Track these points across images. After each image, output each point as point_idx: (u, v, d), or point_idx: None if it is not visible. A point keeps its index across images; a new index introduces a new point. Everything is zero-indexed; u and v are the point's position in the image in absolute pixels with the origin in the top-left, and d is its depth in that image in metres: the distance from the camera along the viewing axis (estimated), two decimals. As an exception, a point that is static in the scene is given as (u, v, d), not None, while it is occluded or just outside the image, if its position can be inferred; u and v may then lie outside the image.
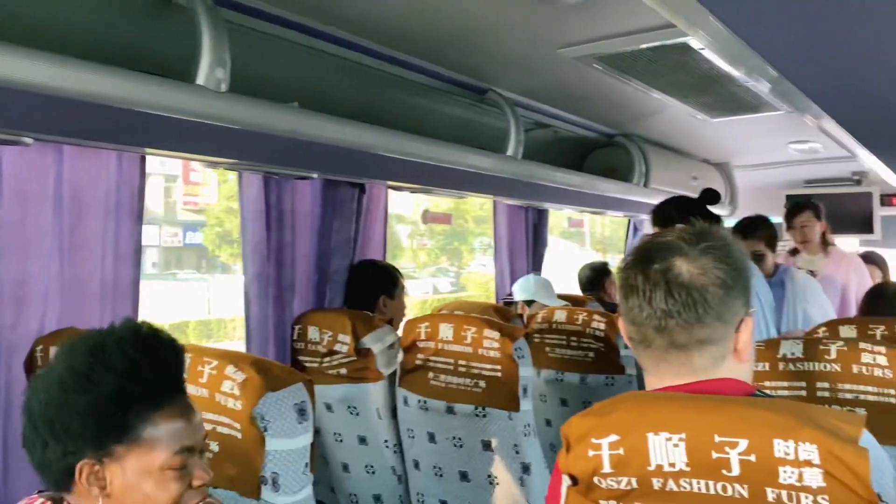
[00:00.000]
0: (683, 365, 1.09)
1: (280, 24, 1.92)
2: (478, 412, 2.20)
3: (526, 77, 2.59)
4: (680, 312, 1.06)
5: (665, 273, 1.07)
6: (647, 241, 1.16)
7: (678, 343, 1.07)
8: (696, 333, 1.06)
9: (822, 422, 0.95)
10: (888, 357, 1.69)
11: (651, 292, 1.07)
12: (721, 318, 1.07)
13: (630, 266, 1.12)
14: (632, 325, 1.12)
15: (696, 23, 1.15)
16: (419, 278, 19.28)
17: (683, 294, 1.06)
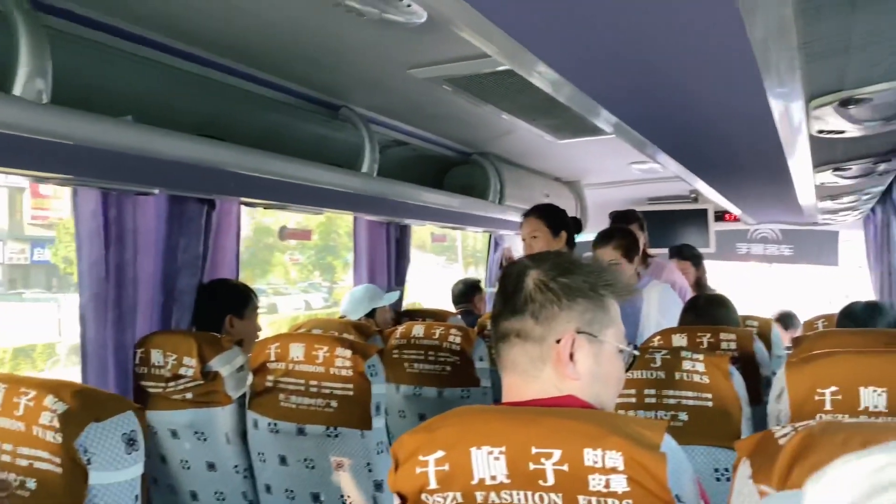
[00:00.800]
0: (506, 358, 1.19)
1: (113, 34, 1.83)
2: (329, 433, 2.17)
3: (379, 95, 2.61)
4: (513, 310, 1.17)
5: (518, 282, 1.18)
6: (518, 260, 1.28)
7: (500, 332, 1.19)
8: (516, 326, 1.17)
9: (628, 430, 1.02)
10: (705, 364, 1.83)
11: (507, 300, 1.19)
12: (536, 318, 1.17)
13: (501, 278, 1.25)
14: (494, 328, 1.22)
15: (524, 64, 1.22)
16: (290, 294, 18.84)
17: (520, 298, 1.17)
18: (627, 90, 1.36)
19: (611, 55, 1.19)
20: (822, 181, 2.30)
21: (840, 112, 1.34)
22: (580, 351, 1.17)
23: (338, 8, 1.77)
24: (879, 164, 2.03)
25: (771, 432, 1.09)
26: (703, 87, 1.34)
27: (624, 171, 4.24)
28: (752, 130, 1.64)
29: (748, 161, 2.20)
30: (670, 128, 1.77)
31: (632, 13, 1.01)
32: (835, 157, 1.92)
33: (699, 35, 1.03)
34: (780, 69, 1.08)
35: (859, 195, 2.86)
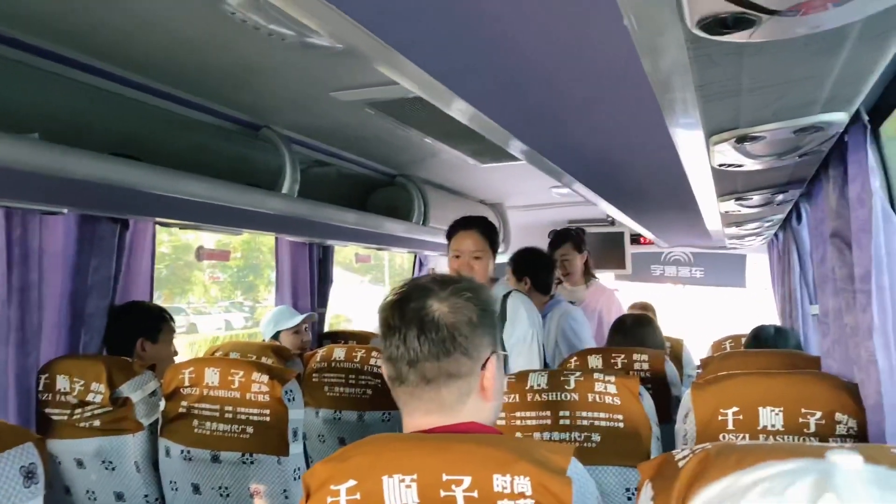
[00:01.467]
0: (433, 400, 1.15)
1: (20, 49, 1.76)
2: (245, 459, 2.13)
3: (301, 116, 2.60)
4: (430, 349, 1.13)
5: (419, 311, 1.14)
6: (406, 284, 1.22)
7: (428, 377, 1.13)
8: (444, 368, 1.13)
9: (536, 455, 1.05)
10: (616, 385, 1.89)
11: (406, 330, 1.13)
12: (468, 354, 1.15)
13: (388, 307, 1.18)
14: (389, 363, 1.17)
15: (437, 96, 1.24)
16: (211, 313, 18.34)
17: (434, 331, 1.13)
18: (538, 122, 1.41)
19: (521, 89, 1.23)
20: (727, 209, 2.42)
21: (737, 148, 1.43)
22: (490, 370, 1.20)
23: (258, 31, 1.76)
24: (777, 194, 2.16)
25: (671, 455, 1.13)
26: (610, 122, 1.40)
27: (545, 194, 4.33)
28: (659, 163, 1.72)
29: (657, 190, 2.29)
30: (581, 158, 1.83)
31: (541, 51, 1.05)
32: (736, 188, 2.03)
33: (603, 74, 1.08)
34: (679, 108, 1.14)
35: (762, 222, 3.03)
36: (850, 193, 1.56)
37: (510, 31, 0.98)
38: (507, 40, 1.02)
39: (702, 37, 0.81)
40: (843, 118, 1.35)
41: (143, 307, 2.62)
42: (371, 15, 0.94)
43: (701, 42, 0.84)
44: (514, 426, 1.94)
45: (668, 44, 0.85)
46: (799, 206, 2.77)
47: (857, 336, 1.65)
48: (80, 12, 1.65)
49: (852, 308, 1.68)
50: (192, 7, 1.63)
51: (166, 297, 16.94)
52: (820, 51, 0.93)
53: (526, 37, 1.00)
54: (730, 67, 0.95)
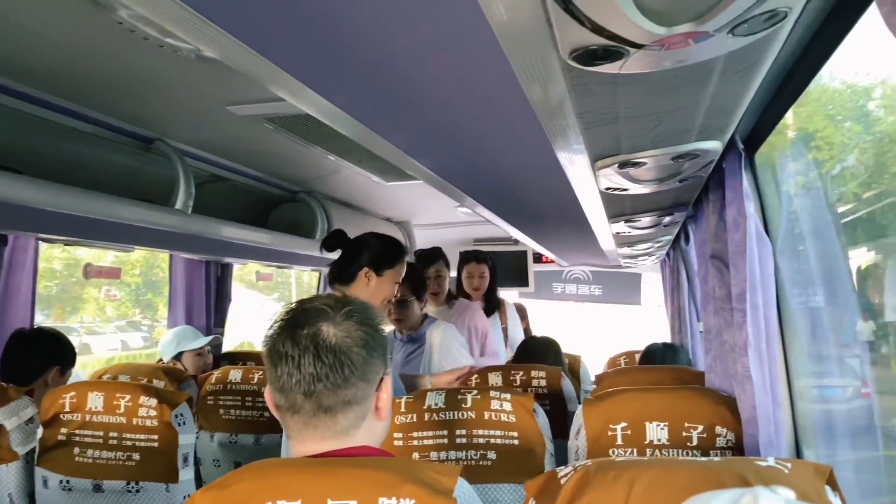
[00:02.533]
0: (329, 427, 1.11)
1: None
2: (130, 488, 2.03)
3: (196, 130, 2.52)
4: (328, 375, 1.09)
5: (314, 338, 1.09)
6: (292, 308, 1.17)
7: (325, 405, 1.10)
8: (343, 395, 1.10)
9: (423, 476, 1.04)
10: (512, 403, 1.92)
11: (300, 358, 1.09)
12: (364, 378, 1.13)
13: (277, 333, 1.12)
14: (280, 393, 1.11)
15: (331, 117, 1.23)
16: (106, 333, 17.44)
17: (331, 357, 1.09)
18: (434, 144, 1.42)
19: (414, 111, 1.23)
20: (618, 230, 2.52)
21: (621, 173, 1.49)
22: (385, 391, 1.18)
23: (148, 41, 1.70)
24: (664, 216, 2.26)
25: (555, 472, 1.16)
26: (501, 145, 1.43)
27: (450, 213, 4.37)
28: (551, 185, 1.77)
29: (553, 211, 2.36)
30: (478, 180, 1.86)
31: (429, 75, 1.06)
32: (625, 211, 2.11)
33: (491, 99, 1.10)
34: (563, 134, 1.18)
35: (652, 243, 3.16)
36: (727, 217, 1.65)
37: (396, 53, 0.99)
38: (394, 62, 1.02)
39: (576, 67, 0.84)
40: (718, 146, 1.43)
41: (58, 335, 2.50)
42: (258, 36, 0.93)
43: (576, 72, 0.87)
44: (411, 446, 1.94)
45: (546, 73, 0.88)
46: (687, 228, 2.92)
47: (734, 352, 1.74)
48: (-49, 15, 1.55)
49: (730, 326, 1.78)
50: (81, 16, 1.56)
51: (56, 315, 15.99)
52: (689, 83, 0.98)
53: (413, 60, 1.01)
54: (606, 97, 0.99)
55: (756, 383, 1.63)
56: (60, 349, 2.49)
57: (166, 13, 0.83)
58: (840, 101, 5.62)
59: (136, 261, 17.17)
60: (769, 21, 0.76)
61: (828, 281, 2.32)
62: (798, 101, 1.51)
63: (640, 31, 0.73)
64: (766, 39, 0.85)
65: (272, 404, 1.16)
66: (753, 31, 0.78)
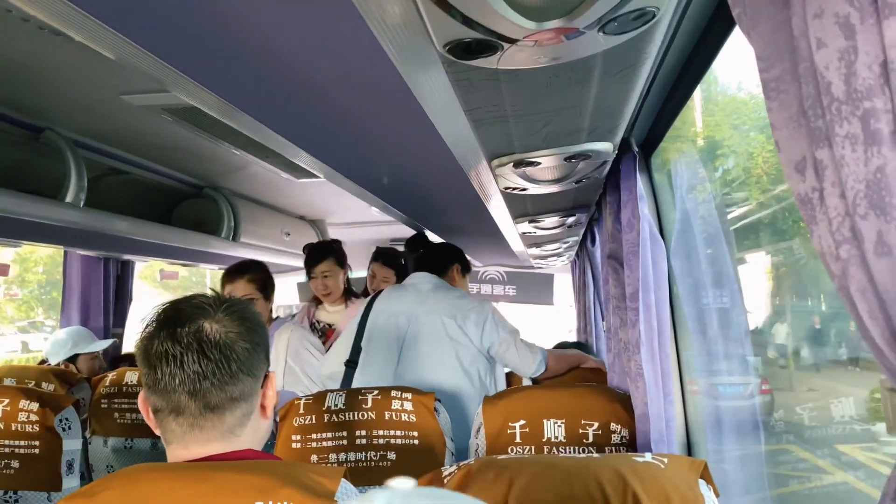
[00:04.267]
0: (215, 427, 1.07)
1: None
2: (8, 497, 1.91)
3: (90, 120, 2.39)
4: (214, 372, 1.04)
5: (196, 334, 1.05)
6: (167, 307, 1.11)
7: (212, 404, 1.05)
8: (230, 391, 1.06)
9: (304, 479, 1.01)
10: (413, 402, 1.90)
11: (183, 356, 1.04)
12: (251, 374, 1.09)
13: (154, 333, 1.06)
14: (160, 395, 1.06)
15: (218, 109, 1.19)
16: (4, 335, 16.50)
17: (216, 353, 1.05)
18: (327, 140, 1.39)
19: (303, 105, 1.20)
20: (524, 231, 2.54)
21: (517, 172, 1.49)
22: (271, 388, 1.15)
23: (28, 23, 1.60)
24: (567, 217, 2.30)
25: (439, 471, 1.15)
26: (400, 147, 1.41)
27: (365, 212, 4.32)
28: (453, 185, 1.76)
29: (460, 212, 2.36)
30: (381, 179, 1.84)
31: (313, 68, 1.03)
32: (528, 211, 2.13)
33: (377, 94, 1.08)
34: (455, 132, 1.17)
35: (560, 244, 3.21)
36: (623, 218, 1.69)
37: (278, 45, 0.95)
38: (277, 54, 0.99)
39: (454, 61, 0.83)
40: (609, 147, 1.45)
41: None
42: (135, 25, 0.88)
43: (456, 66, 0.86)
44: (309, 448, 1.89)
45: (426, 66, 0.87)
46: (592, 229, 2.98)
47: (628, 350, 1.78)
48: None
49: (625, 324, 1.82)
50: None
51: (-50, 316, 15.03)
52: (570, 82, 0.99)
53: (296, 52, 0.98)
54: (491, 93, 0.99)
55: (648, 380, 1.67)
56: None
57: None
58: (745, 111, 5.89)
59: (40, 258, 16.37)
60: (639, 20, 0.77)
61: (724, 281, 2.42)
62: (702, 109, 1.56)
63: (511, 26, 0.73)
64: (642, 40, 0.87)
65: (147, 409, 1.10)
66: (624, 29, 0.79)
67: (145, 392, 1.09)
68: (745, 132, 5.75)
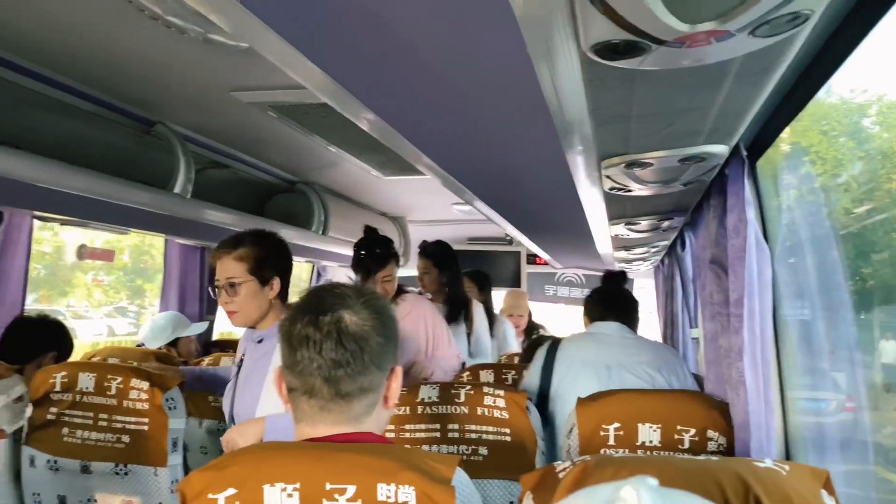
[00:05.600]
0: (343, 412, 1.12)
1: None
2: (118, 470, 2.02)
3: (199, 115, 2.51)
4: (349, 362, 1.09)
5: (337, 324, 1.10)
6: (312, 295, 1.17)
7: (343, 392, 1.10)
8: (360, 382, 1.11)
9: (421, 464, 1.04)
10: (505, 399, 1.92)
11: (322, 343, 1.09)
12: (380, 367, 1.13)
13: (298, 317, 1.12)
14: (296, 376, 1.11)
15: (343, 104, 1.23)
16: (92, 318, 17.34)
17: (353, 344, 1.10)
18: (443, 137, 1.42)
19: (427, 103, 1.23)
20: (616, 233, 2.52)
21: (627, 173, 1.49)
22: (396, 381, 1.19)
23: (157, 22, 1.70)
24: (663, 221, 2.27)
25: (553, 466, 1.16)
26: (509, 141, 1.43)
27: (446, 210, 4.38)
28: (554, 184, 1.77)
29: (552, 210, 2.36)
30: (483, 177, 1.86)
31: (445, 67, 1.07)
32: (626, 213, 2.12)
33: (504, 93, 1.10)
34: (573, 131, 1.18)
35: (649, 247, 3.17)
36: (728, 223, 1.66)
37: (415, 44, 0.99)
38: (412, 53, 1.02)
39: (596, 61, 0.85)
40: (724, 150, 1.43)
41: (60, 324, 2.56)
42: (280, 16, 0.92)
43: (595, 66, 0.87)
44: (403, 438, 1.94)
45: (564, 66, 0.88)
46: (683, 234, 2.92)
47: (729, 357, 1.75)
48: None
49: (726, 331, 1.78)
50: (85, -10, 1.55)
51: (44, 298, 15.91)
52: (704, 83, 0.99)
53: (431, 51, 1.01)
54: (621, 93, 1.00)
55: (750, 388, 1.64)
56: (60, 337, 2.50)
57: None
58: (835, 116, 5.65)
59: (125, 247, 17.14)
60: (791, 23, 0.77)
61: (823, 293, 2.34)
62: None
63: (664, 27, 0.73)
64: (784, 42, 0.86)
65: (281, 385, 1.15)
66: (774, 32, 0.79)
67: (282, 370, 1.14)
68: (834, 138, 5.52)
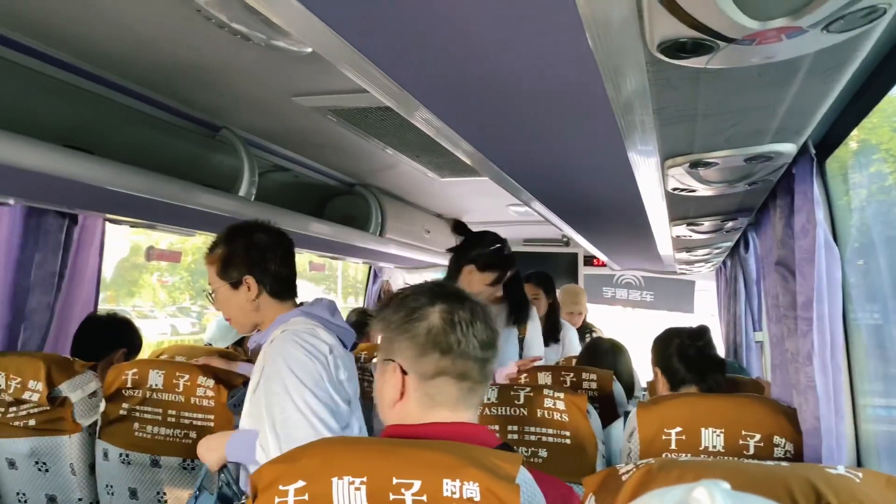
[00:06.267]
0: (477, 396, 1.16)
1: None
2: (186, 465, 2.08)
3: (262, 120, 2.57)
4: (492, 344, 1.14)
5: (478, 307, 1.14)
6: (435, 284, 1.20)
7: (486, 375, 1.15)
8: (494, 362, 1.17)
9: (485, 461, 1.05)
10: (565, 402, 1.91)
11: (474, 324, 1.13)
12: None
13: (446, 304, 1.14)
14: (452, 360, 1.12)
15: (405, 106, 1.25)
16: (157, 318, 17.94)
17: (492, 324, 1.15)
18: (502, 138, 1.43)
19: (487, 104, 1.24)
20: (678, 234, 2.48)
21: (691, 173, 1.47)
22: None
23: (222, 30, 1.75)
24: (727, 222, 2.22)
25: (615, 469, 1.16)
26: (570, 141, 1.42)
27: (502, 212, 4.37)
28: (615, 184, 1.75)
29: (612, 211, 2.34)
30: (542, 177, 1.86)
31: (507, 67, 1.07)
32: (688, 214, 2.08)
33: (566, 92, 1.10)
34: (637, 130, 1.17)
35: (711, 249, 3.11)
36: (795, 224, 1.62)
37: (478, 45, 0.99)
38: (473, 53, 1.03)
39: (662, 60, 0.84)
40: (792, 149, 1.40)
41: (129, 322, 2.66)
42: (345, 21, 0.95)
43: (660, 65, 0.86)
44: (461, 439, 1.95)
45: (629, 65, 0.88)
46: (747, 235, 2.86)
47: (796, 362, 1.70)
48: (41, 1, 1.61)
49: (794, 334, 1.74)
50: (161, 3, 1.61)
51: (111, 298, 16.50)
52: (772, 81, 0.97)
53: (492, 51, 1.02)
54: (687, 92, 0.99)
55: (820, 394, 1.59)
56: (130, 335, 2.60)
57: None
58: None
59: (189, 249, 17.63)
60: (867, 17, 0.75)
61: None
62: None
63: (734, 25, 0.72)
64: (859, 38, 0.84)
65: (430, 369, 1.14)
66: (849, 27, 0.77)
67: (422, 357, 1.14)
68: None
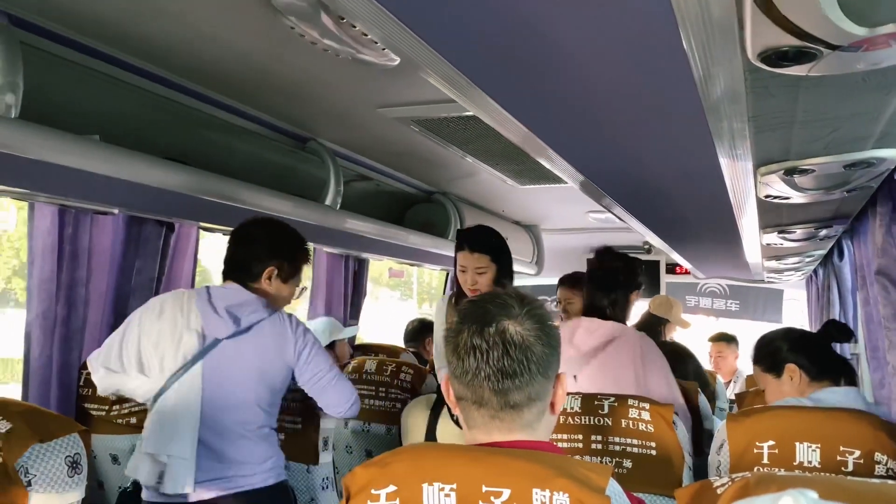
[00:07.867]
0: (514, 421, 1.13)
1: (87, 54, 1.83)
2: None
3: (347, 131, 2.65)
4: (516, 372, 1.10)
5: (502, 334, 1.11)
6: (474, 302, 1.19)
7: (512, 402, 1.11)
8: (528, 391, 1.11)
9: (575, 472, 1.05)
10: (651, 413, 1.88)
11: (489, 352, 1.10)
12: (546, 375, 1.13)
13: (464, 327, 1.14)
14: (466, 386, 1.13)
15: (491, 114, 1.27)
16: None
17: (519, 354, 1.10)
18: (590, 146, 1.43)
19: (575, 111, 1.25)
20: (769, 242, 2.40)
21: (785, 180, 1.43)
22: (561, 388, 1.19)
23: (314, 46, 1.81)
24: (821, 229, 2.14)
25: (709, 482, 1.13)
26: (659, 147, 1.41)
27: (581, 219, 4.33)
28: (705, 191, 1.72)
29: (700, 219, 2.29)
30: (628, 183, 1.84)
31: (598, 74, 1.07)
32: (780, 221, 2.02)
33: (658, 99, 1.10)
34: (730, 137, 1.15)
35: (803, 257, 2.99)
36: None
37: (568, 51, 1.00)
38: (564, 61, 1.04)
39: (761, 68, 0.83)
40: (895, 155, 1.34)
41: None
42: (436, 34, 0.97)
43: (759, 73, 0.85)
44: (544, 447, 1.94)
45: (726, 73, 0.87)
46: (841, 243, 2.74)
47: (899, 375, 1.63)
48: (145, 22, 1.71)
49: (894, 347, 1.66)
50: (252, 21, 1.69)
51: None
52: (878, 87, 0.94)
53: (583, 58, 1.02)
54: (785, 99, 0.97)
55: (924, 410, 1.52)
56: None
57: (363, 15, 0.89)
58: None
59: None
60: (982, 19, 0.72)
61: None
62: None
63: (840, 32, 0.71)
64: (973, 39, 0.80)
65: (453, 395, 1.17)
66: (963, 30, 0.74)
67: (452, 378, 1.16)
68: None
